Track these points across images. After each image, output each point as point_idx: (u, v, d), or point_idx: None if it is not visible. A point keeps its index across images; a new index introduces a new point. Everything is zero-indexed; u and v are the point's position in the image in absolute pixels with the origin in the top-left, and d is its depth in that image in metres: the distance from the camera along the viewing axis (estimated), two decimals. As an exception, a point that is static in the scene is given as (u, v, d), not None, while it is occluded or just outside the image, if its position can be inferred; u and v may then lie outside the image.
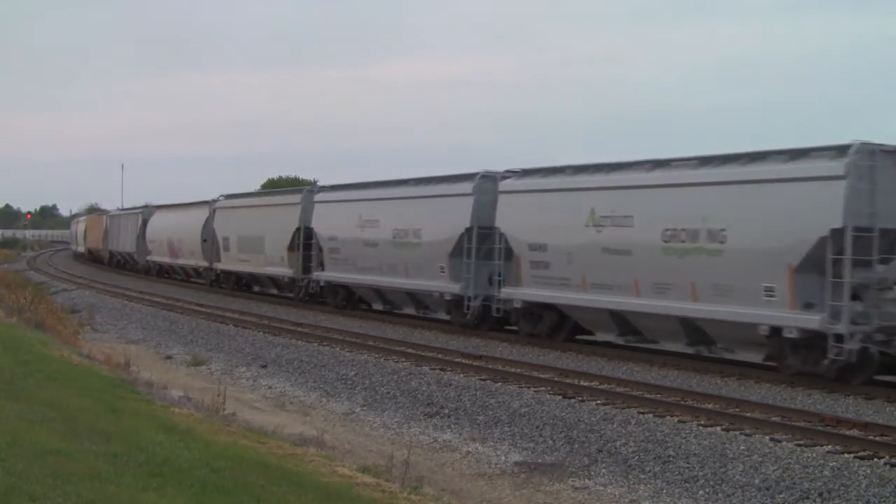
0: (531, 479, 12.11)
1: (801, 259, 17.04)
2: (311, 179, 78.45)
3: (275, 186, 74.62)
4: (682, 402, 15.41)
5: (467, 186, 25.97)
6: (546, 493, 11.58)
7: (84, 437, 8.73)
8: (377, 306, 31.30)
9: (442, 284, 26.34)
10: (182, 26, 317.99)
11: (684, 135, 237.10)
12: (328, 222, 32.99)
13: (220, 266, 42.04)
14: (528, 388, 17.12)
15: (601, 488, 11.68)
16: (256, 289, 40.59)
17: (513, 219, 24.10)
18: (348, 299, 32.46)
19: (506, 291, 24.05)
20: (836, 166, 16.79)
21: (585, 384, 17.29)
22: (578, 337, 23.49)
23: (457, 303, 25.88)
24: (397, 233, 28.64)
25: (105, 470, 7.35)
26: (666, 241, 19.51)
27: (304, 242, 33.70)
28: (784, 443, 12.76)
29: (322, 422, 15.39)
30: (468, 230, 25.33)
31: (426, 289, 27.20)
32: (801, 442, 12.74)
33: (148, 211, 56.72)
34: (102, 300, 38.51)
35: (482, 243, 25.09)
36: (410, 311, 29.43)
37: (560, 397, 16.16)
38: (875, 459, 11.88)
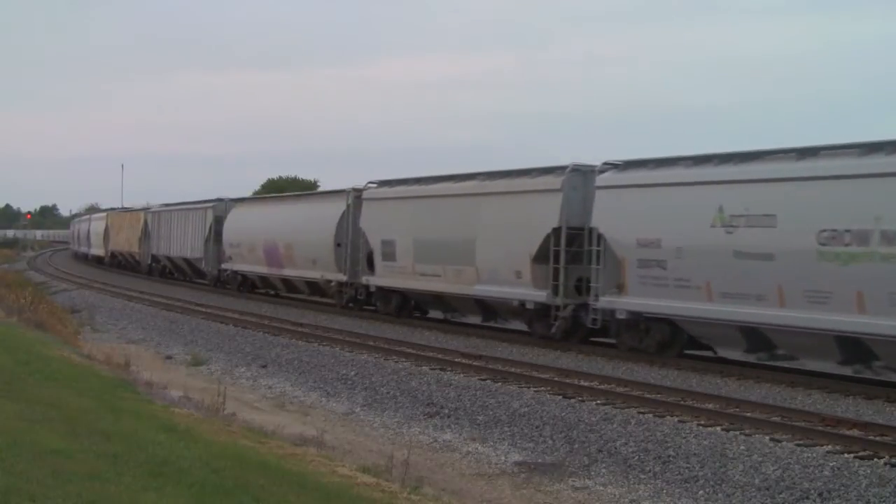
0: (531, 479, 12.11)
1: None
2: (312, 180, 78.45)
3: (275, 186, 74.26)
4: (682, 402, 15.41)
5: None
6: (546, 493, 11.58)
7: (84, 437, 8.73)
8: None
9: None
10: (182, 26, 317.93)
11: (685, 134, 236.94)
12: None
13: (374, 281, 30.05)
14: (528, 388, 17.12)
15: (601, 488, 11.68)
16: (440, 316, 28.70)
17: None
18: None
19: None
20: None
21: (585, 384, 17.29)
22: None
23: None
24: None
25: (105, 470, 7.35)
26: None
27: (561, 249, 22.48)
28: (784, 443, 12.76)
29: (322, 422, 15.39)
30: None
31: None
32: (801, 442, 12.74)
33: (223, 205, 44.33)
34: (102, 300, 38.52)
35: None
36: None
37: (560, 397, 16.16)
38: (875, 459, 11.88)
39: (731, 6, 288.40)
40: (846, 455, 12.07)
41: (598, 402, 15.68)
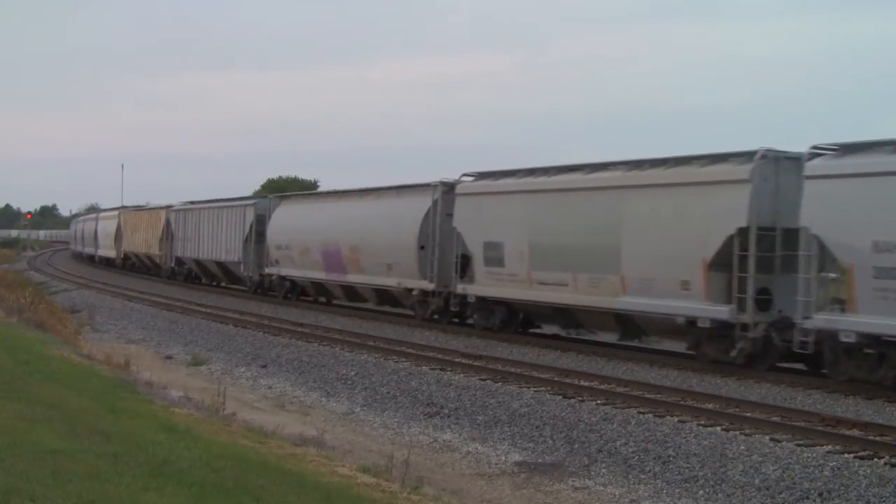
0: (531, 479, 12.11)
1: None
2: (312, 180, 78.36)
3: (275, 186, 73.89)
4: (682, 402, 15.41)
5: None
6: (546, 493, 11.58)
7: (84, 437, 8.72)
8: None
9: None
10: (182, 26, 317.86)
11: (686, 134, 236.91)
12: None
13: (473, 290, 25.41)
14: (528, 388, 17.12)
15: (601, 488, 11.68)
16: (561, 332, 24.36)
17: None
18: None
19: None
20: None
21: (585, 384, 17.29)
22: None
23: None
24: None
25: (105, 470, 7.35)
26: None
27: (751, 254, 18.44)
28: (784, 443, 12.76)
29: (322, 422, 15.39)
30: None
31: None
32: (801, 442, 12.74)
33: (266, 203, 39.53)
34: (102, 300, 38.50)
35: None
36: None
37: (560, 397, 16.16)
38: (875, 459, 11.88)
39: (731, 6, 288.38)
40: (846, 455, 12.07)
41: (598, 402, 15.68)
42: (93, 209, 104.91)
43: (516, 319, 25.13)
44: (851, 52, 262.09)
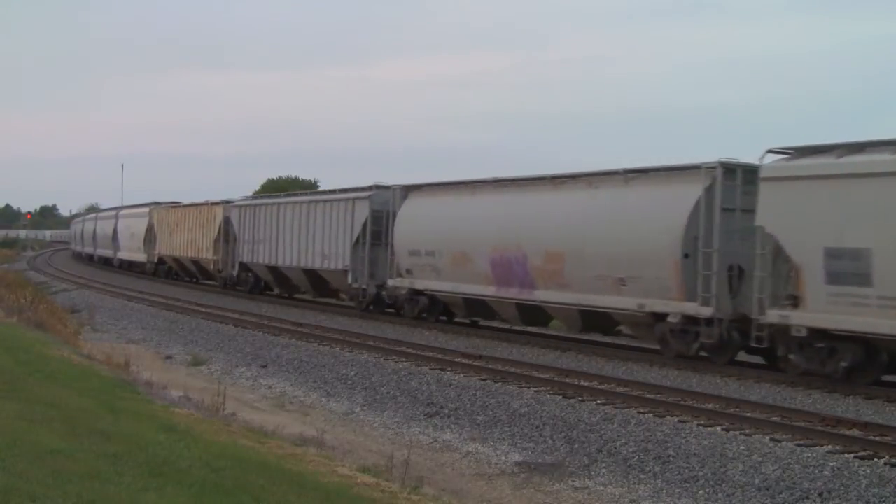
0: (531, 479, 12.12)
1: None
2: (311, 179, 78.23)
3: (275, 186, 73.55)
4: (682, 402, 15.41)
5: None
6: (546, 493, 11.58)
7: (84, 437, 8.72)
8: None
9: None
10: (182, 26, 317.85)
11: (686, 134, 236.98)
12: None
13: (810, 320, 17.21)
14: (528, 388, 17.12)
15: (601, 488, 11.68)
16: None
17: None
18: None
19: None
20: None
21: (585, 384, 17.29)
22: None
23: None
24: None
25: (105, 470, 7.35)
26: None
27: None
28: (784, 443, 12.76)
29: (322, 422, 15.39)
30: None
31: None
32: (801, 442, 12.74)
33: (386, 195, 30.40)
34: (102, 300, 38.50)
35: None
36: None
37: (560, 397, 16.17)
38: (875, 459, 11.88)
39: (732, 6, 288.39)
40: (846, 455, 12.07)
41: (598, 402, 15.68)
42: (93, 209, 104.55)
43: (881, 361, 16.96)
44: (852, 53, 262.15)
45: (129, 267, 59.47)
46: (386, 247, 29.70)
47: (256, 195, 43.20)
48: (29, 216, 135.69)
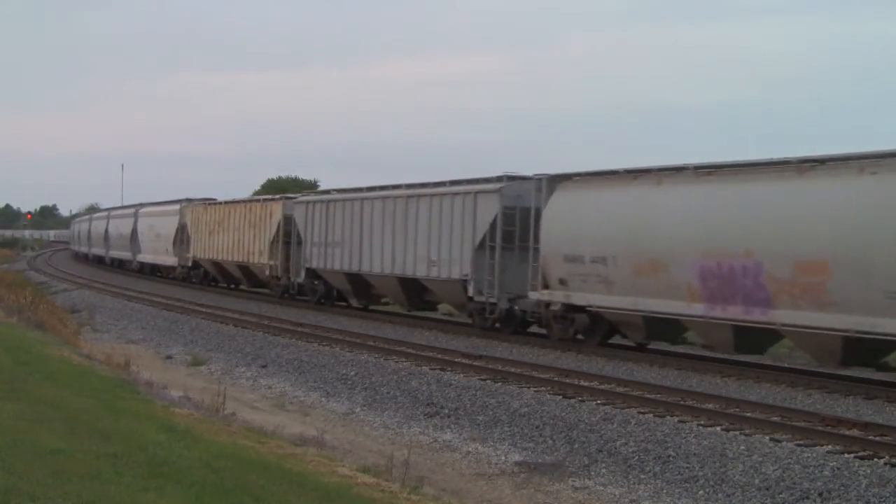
0: (531, 479, 12.12)
1: None
2: (311, 179, 78.22)
3: (275, 186, 73.51)
4: (682, 402, 15.40)
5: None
6: (546, 493, 11.59)
7: (84, 437, 8.73)
8: None
9: None
10: (182, 26, 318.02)
11: (686, 134, 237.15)
12: None
13: None
14: (528, 388, 17.12)
15: (601, 488, 11.69)
16: None
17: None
18: None
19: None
20: None
21: (585, 384, 17.29)
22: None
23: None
24: None
25: (105, 470, 7.35)
26: None
27: None
28: (784, 443, 12.76)
29: (322, 422, 15.40)
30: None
31: None
32: (801, 442, 12.74)
33: (518, 188, 24.81)
34: (102, 300, 38.50)
35: None
36: None
37: (560, 397, 16.17)
38: (875, 459, 11.88)
39: (732, 6, 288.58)
40: (846, 455, 12.07)
41: (598, 402, 15.68)
42: (93, 209, 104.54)
43: None
44: (852, 53, 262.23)
45: (151, 271, 53.45)
46: (522, 251, 24.10)
47: (337, 190, 35.10)
48: (29, 216, 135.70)
